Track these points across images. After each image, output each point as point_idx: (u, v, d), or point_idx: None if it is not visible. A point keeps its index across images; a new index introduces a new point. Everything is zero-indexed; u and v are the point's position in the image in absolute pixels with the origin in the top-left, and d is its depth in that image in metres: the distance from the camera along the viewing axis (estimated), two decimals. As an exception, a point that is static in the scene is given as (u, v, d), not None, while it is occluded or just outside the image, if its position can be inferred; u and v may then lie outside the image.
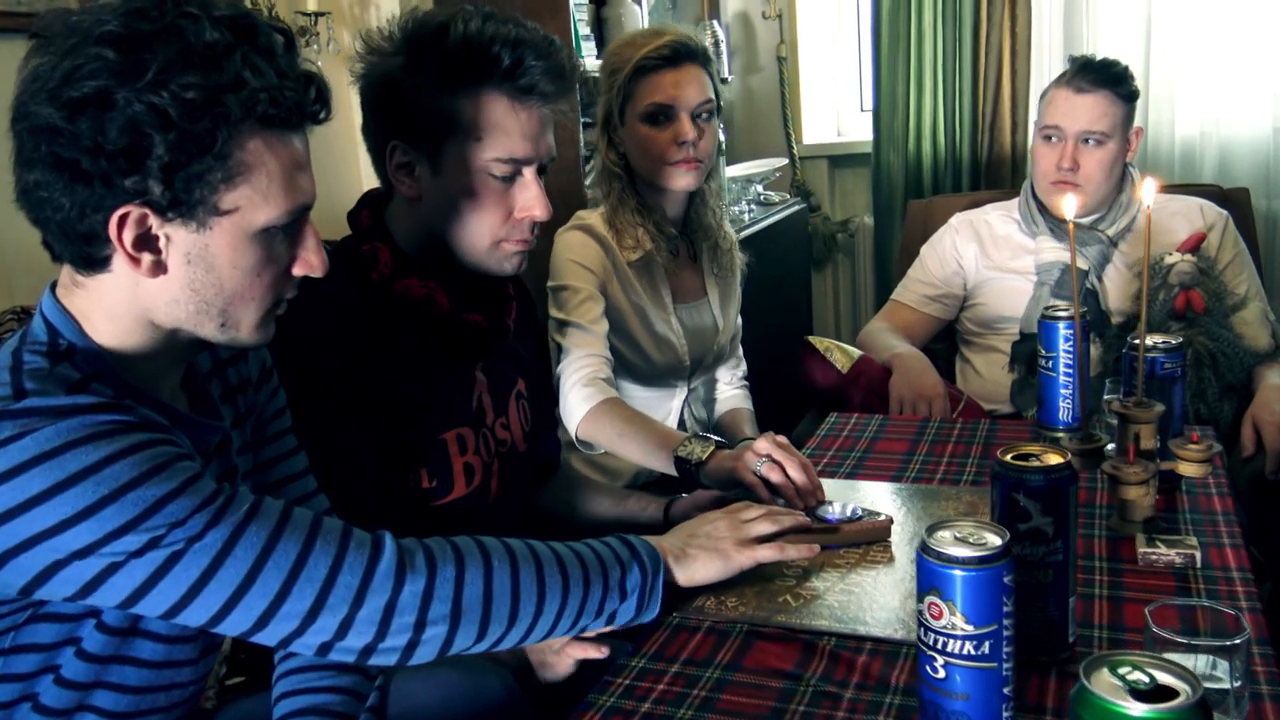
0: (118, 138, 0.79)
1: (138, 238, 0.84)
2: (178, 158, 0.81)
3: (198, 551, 0.82)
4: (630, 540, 1.04)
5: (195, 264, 0.86)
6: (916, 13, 2.95)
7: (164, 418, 0.88)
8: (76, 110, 0.79)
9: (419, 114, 1.18)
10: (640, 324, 1.72)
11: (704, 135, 1.66)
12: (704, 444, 1.37)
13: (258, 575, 0.84)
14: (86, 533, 0.78)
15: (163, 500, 0.80)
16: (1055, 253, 1.98)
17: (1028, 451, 0.93)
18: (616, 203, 1.71)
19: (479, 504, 1.28)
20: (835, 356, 1.89)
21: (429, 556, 0.91)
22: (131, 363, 0.89)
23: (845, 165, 3.39)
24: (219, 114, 0.81)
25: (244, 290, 0.89)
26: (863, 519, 1.20)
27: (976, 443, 1.50)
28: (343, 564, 0.87)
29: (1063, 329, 1.42)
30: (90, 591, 0.81)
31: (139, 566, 0.80)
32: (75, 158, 0.80)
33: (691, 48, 1.66)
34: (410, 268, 1.22)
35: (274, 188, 0.86)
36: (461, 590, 0.91)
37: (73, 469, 0.78)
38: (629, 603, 1.00)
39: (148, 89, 0.79)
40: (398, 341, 1.21)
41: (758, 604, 1.07)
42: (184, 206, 0.83)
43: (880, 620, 1.02)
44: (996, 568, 0.75)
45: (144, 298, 0.87)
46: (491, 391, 1.33)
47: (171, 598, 0.82)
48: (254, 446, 1.08)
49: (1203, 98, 2.81)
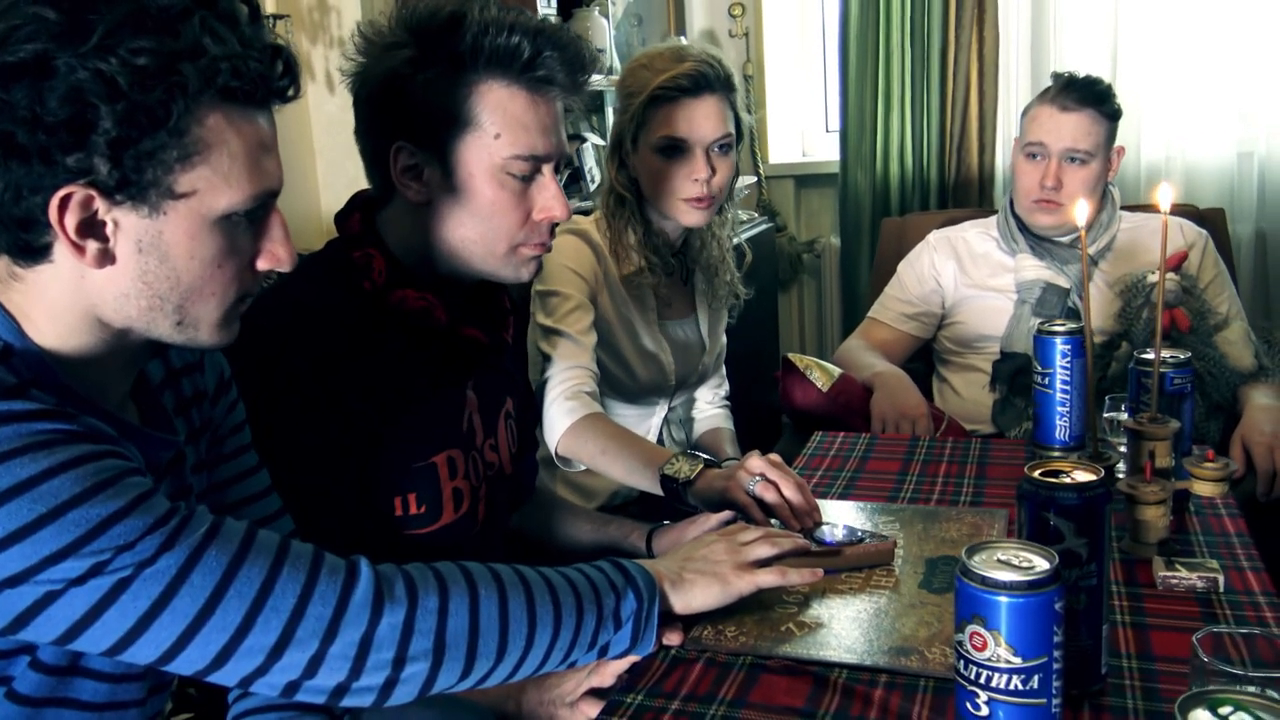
0: (58, 108, 0.70)
1: (82, 223, 0.74)
2: (127, 132, 0.72)
3: (148, 578, 0.72)
4: (624, 565, 0.96)
5: (148, 253, 0.77)
6: (884, 34, 2.93)
7: (112, 429, 0.79)
8: (11, 77, 0.70)
9: (429, 111, 1.08)
10: (627, 338, 1.65)
11: (718, 171, 1.59)
12: (692, 462, 1.30)
13: (216, 605, 0.74)
14: (20, 557, 0.68)
15: (109, 520, 0.71)
16: (1036, 270, 1.94)
17: (1056, 468, 0.87)
18: (622, 226, 1.63)
19: (465, 531, 1.19)
20: (815, 375, 1.82)
21: (409, 584, 0.82)
22: (76, 367, 0.80)
23: (811, 185, 3.36)
24: (174, 84, 0.72)
25: (203, 284, 0.80)
26: (865, 541, 1.14)
27: (970, 462, 1.45)
28: (313, 593, 0.78)
29: (1060, 344, 1.37)
30: (23, 624, 0.71)
31: (80, 595, 0.71)
32: (9, 130, 0.71)
33: (712, 77, 1.57)
34: (406, 278, 1.13)
35: (236, 169, 0.78)
36: (445, 622, 0.82)
37: (4, 484, 0.68)
38: (623, 632, 0.92)
39: (93, 54, 0.70)
40: (387, 356, 1.11)
41: (759, 634, 0.99)
42: (134, 188, 0.74)
43: (893, 650, 0.94)
44: (1047, 593, 0.68)
45: (90, 292, 0.78)
46: (481, 411, 1.24)
47: (118, 631, 0.72)
48: (209, 465, 0.98)
49: (1168, 121, 2.82)
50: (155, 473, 0.84)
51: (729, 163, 1.62)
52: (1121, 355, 1.87)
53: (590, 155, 2.68)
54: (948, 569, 1.10)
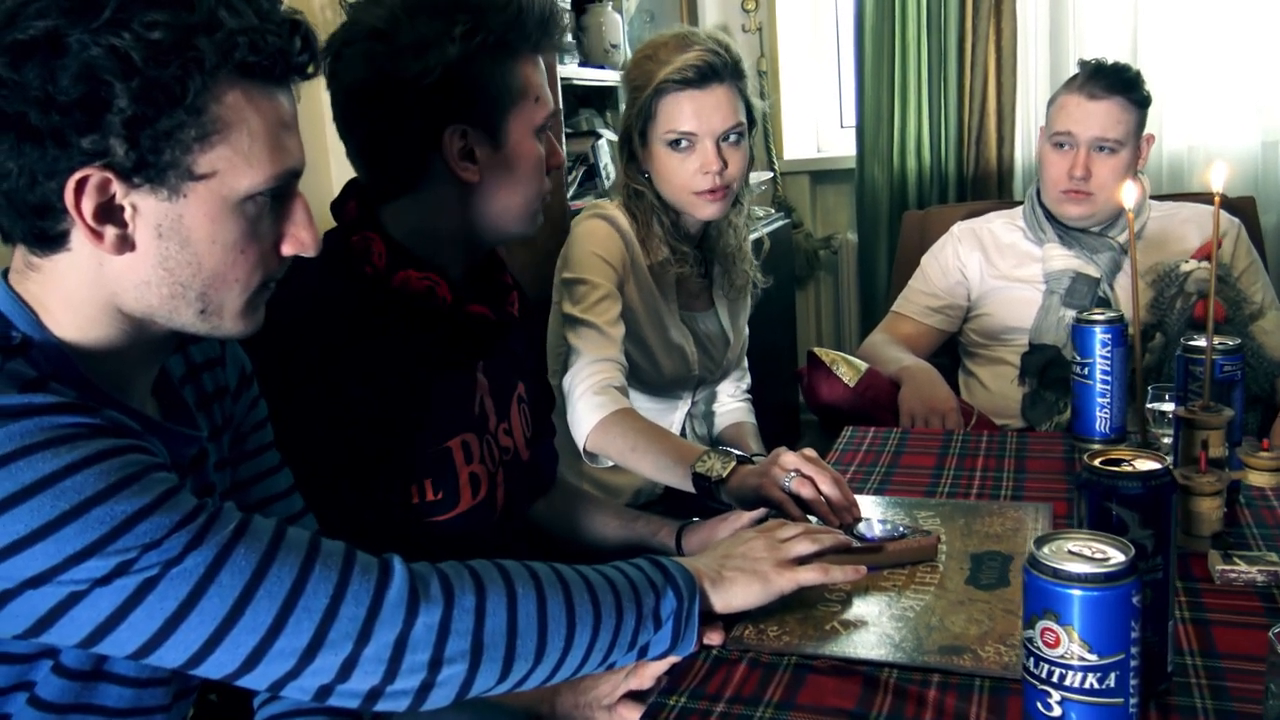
0: (71, 87, 0.67)
1: (99, 207, 0.71)
2: (143, 110, 0.69)
3: (175, 578, 0.69)
4: (662, 562, 0.93)
5: (168, 238, 0.74)
6: (900, 27, 2.90)
7: (135, 423, 0.75)
8: (22, 56, 0.67)
9: (494, 91, 1.09)
10: (653, 329, 1.61)
11: (730, 163, 1.56)
12: (724, 459, 1.26)
13: (246, 606, 0.71)
14: (42, 556, 0.65)
15: (134, 517, 0.68)
16: (1064, 260, 1.91)
17: (1116, 456, 0.83)
18: (647, 216, 1.59)
19: (485, 518, 1.16)
20: (842, 370, 1.78)
21: (445, 583, 0.79)
22: (96, 360, 0.76)
23: (827, 181, 3.33)
24: (191, 59, 0.69)
25: (226, 269, 0.76)
26: (907, 537, 1.10)
27: (1008, 456, 1.41)
28: (346, 592, 0.75)
29: (1100, 334, 1.33)
30: (46, 627, 0.68)
31: (105, 596, 0.67)
32: (22, 112, 0.68)
33: (719, 66, 1.53)
34: (407, 260, 1.10)
35: (257, 148, 0.74)
36: (483, 622, 0.79)
37: (26, 480, 0.65)
38: (664, 632, 0.89)
39: (106, 29, 0.67)
40: (393, 340, 1.09)
41: (803, 633, 0.95)
42: (153, 170, 0.71)
43: (944, 648, 0.91)
44: (1124, 586, 0.64)
45: (109, 281, 0.74)
46: (493, 394, 1.21)
47: (144, 634, 0.69)
48: (232, 462, 0.95)
49: (1190, 111, 2.78)
50: (179, 470, 0.81)
51: (741, 152, 1.59)
52: (1155, 346, 1.83)
53: (605, 151, 2.65)
54: (994, 564, 1.07)
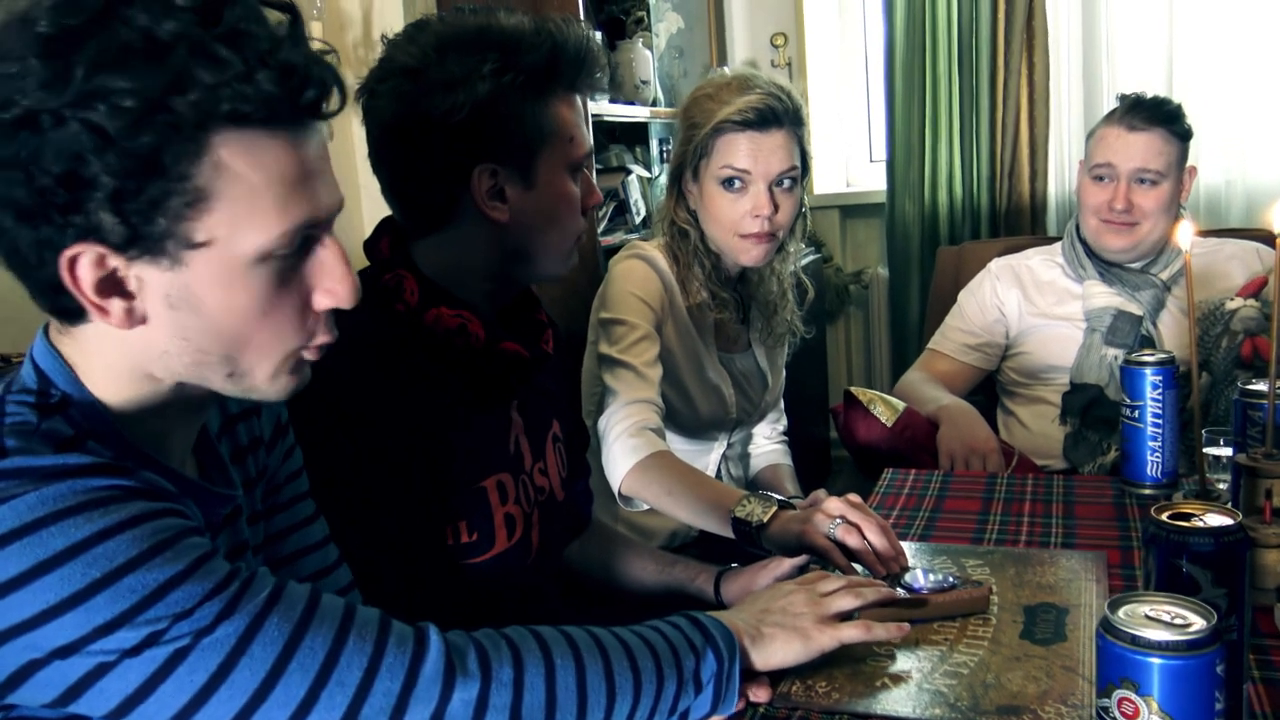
0: (52, 164, 0.64)
1: (101, 281, 0.68)
2: (124, 184, 0.65)
3: (206, 649, 0.67)
4: (701, 621, 0.90)
5: (179, 308, 0.70)
6: (931, 60, 2.89)
7: (170, 484, 0.73)
8: (8, 136, 0.64)
9: (520, 130, 1.08)
10: (691, 370, 1.59)
11: (781, 208, 1.54)
12: (765, 504, 1.23)
13: (278, 679, 0.69)
14: (72, 626, 0.63)
15: (166, 585, 0.65)
16: (1106, 297, 1.87)
17: (1185, 510, 0.80)
18: (689, 258, 1.58)
19: (520, 560, 1.14)
20: (879, 409, 1.75)
21: (481, 656, 0.76)
22: (136, 420, 0.75)
23: (856, 215, 3.31)
24: (165, 124, 0.64)
25: (250, 334, 0.73)
26: (957, 587, 1.06)
27: (1055, 500, 1.37)
28: (380, 665, 0.72)
29: (1150, 375, 1.30)
30: (74, 698, 0.65)
31: (135, 667, 0.65)
32: (13, 193, 0.65)
33: (780, 111, 1.52)
34: (439, 297, 1.09)
35: (261, 205, 0.69)
36: (521, 696, 0.76)
37: (57, 546, 0.63)
38: (704, 696, 0.85)
39: (77, 103, 0.63)
40: (428, 379, 1.07)
41: (852, 689, 0.92)
42: (148, 241, 0.67)
43: (1002, 708, 0.87)
44: (1208, 654, 0.61)
45: (133, 351, 0.72)
46: (528, 433, 1.20)
47: (173, 706, 0.67)
48: (265, 515, 0.93)
49: (1227, 145, 2.75)
50: (212, 529, 0.79)
51: (794, 199, 1.57)
52: (1201, 386, 1.78)
53: (635, 187, 2.64)
54: (1049, 617, 1.03)
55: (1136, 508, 1.31)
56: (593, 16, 2.67)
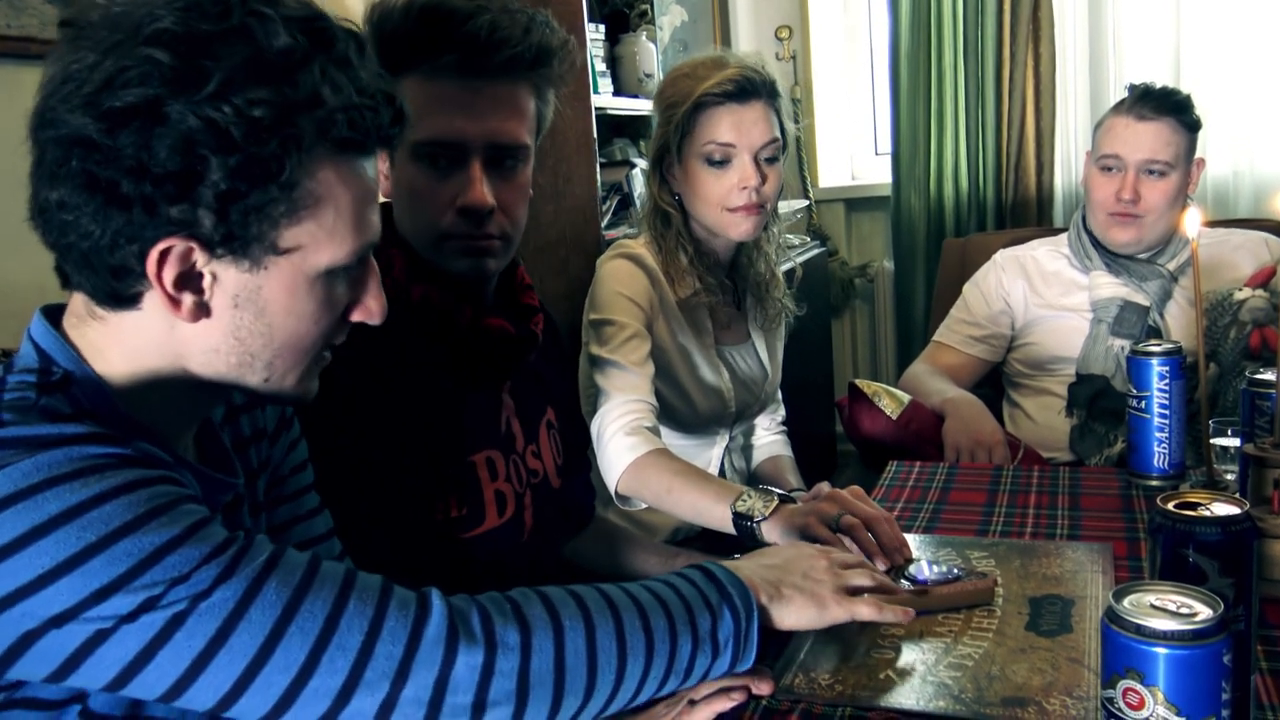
0: (167, 158, 0.66)
1: (180, 275, 0.70)
2: (236, 185, 0.68)
3: (204, 613, 0.66)
4: (716, 575, 0.88)
5: (244, 308, 0.73)
6: (937, 52, 2.87)
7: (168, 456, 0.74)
8: (119, 122, 0.66)
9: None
10: (686, 367, 1.58)
11: (767, 180, 1.54)
12: (766, 498, 1.22)
13: (277, 643, 0.68)
14: (68, 591, 0.63)
15: (162, 550, 0.65)
16: (1112, 288, 1.86)
17: (1191, 500, 0.79)
18: (672, 247, 1.57)
19: (512, 539, 1.14)
20: (885, 402, 1.74)
21: (486, 619, 0.75)
22: (141, 404, 0.75)
23: (862, 209, 3.30)
24: (289, 136, 0.69)
25: (297, 340, 0.77)
26: (961, 579, 1.06)
27: (1061, 492, 1.36)
28: (382, 628, 0.71)
29: (1157, 365, 1.29)
30: (72, 668, 0.65)
31: (132, 634, 0.65)
32: (114, 179, 0.67)
33: (757, 82, 1.52)
34: (427, 274, 1.10)
35: (342, 224, 0.74)
36: (529, 660, 0.75)
37: (52, 511, 0.63)
38: (722, 659, 0.84)
39: (208, 102, 0.66)
40: (417, 355, 1.09)
41: (856, 682, 0.91)
42: (238, 242, 0.71)
43: (1007, 700, 0.86)
44: (1214, 644, 0.60)
45: (178, 344, 0.74)
46: (520, 416, 1.21)
47: (173, 673, 0.66)
48: (268, 507, 0.93)
49: (1234, 136, 2.73)
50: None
51: (776, 172, 1.57)
52: (1209, 377, 1.77)
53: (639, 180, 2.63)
54: (1054, 608, 1.02)
55: (1143, 499, 1.30)
56: (597, 9, 2.67)
